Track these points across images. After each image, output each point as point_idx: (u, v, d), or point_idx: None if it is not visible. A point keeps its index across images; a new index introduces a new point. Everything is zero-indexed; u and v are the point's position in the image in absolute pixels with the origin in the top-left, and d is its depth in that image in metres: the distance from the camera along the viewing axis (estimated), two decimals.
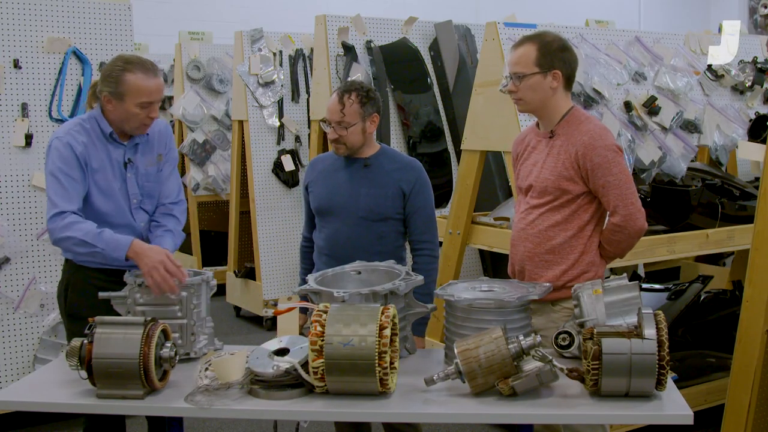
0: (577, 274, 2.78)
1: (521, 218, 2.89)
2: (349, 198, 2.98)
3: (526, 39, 2.81)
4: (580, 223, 2.79)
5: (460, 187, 4.18)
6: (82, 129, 2.78)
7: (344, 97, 2.93)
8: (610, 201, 2.73)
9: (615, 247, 2.82)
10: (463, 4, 10.46)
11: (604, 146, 2.72)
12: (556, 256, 2.79)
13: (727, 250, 4.39)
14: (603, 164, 2.70)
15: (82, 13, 4.01)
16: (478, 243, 4.21)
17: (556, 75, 2.77)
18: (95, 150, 2.78)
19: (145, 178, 2.89)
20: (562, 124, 2.81)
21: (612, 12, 10.47)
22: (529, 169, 2.88)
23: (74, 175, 2.72)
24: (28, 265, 3.89)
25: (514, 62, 2.80)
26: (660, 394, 2.20)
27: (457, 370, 2.20)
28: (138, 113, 2.73)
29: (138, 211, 2.89)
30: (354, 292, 2.44)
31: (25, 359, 3.89)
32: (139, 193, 2.88)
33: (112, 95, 2.72)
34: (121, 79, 2.70)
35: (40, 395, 2.34)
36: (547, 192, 2.79)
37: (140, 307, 2.59)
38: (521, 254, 2.87)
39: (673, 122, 4.14)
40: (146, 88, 2.71)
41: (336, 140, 2.96)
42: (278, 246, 6.06)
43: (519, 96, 2.80)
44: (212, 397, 2.20)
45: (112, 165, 2.82)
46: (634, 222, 2.73)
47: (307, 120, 6.07)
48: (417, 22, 5.40)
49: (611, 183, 2.71)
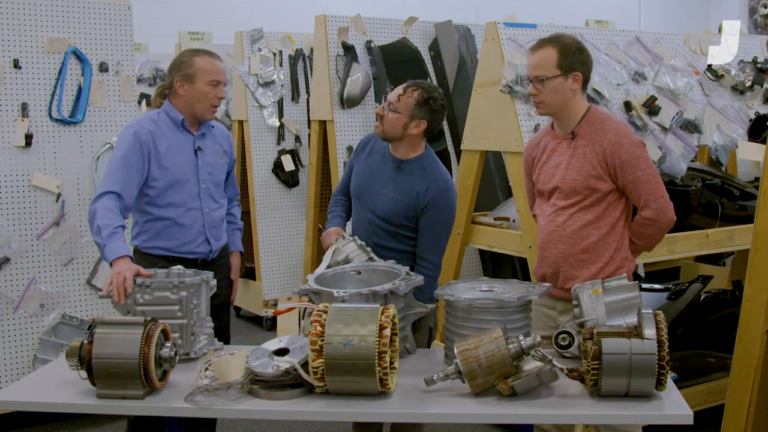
0: (613, 271, 2.81)
1: (550, 220, 2.89)
2: (374, 194, 3.02)
3: (544, 42, 2.83)
4: (611, 220, 2.83)
5: (460, 187, 4.18)
6: (151, 120, 3.05)
7: (410, 88, 2.97)
8: (641, 196, 2.78)
9: (645, 240, 2.87)
10: (463, 4, 10.46)
11: (630, 143, 2.78)
12: (592, 254, 2.82)
13: (727, 250, 4.39)
14: (631, 160, 2.75)
15: (82, 13, 4.01)
16: (478, 243, 4.21)
17: (577, 77, 2.80)
18: (163, 136, 3.03)
19: (212, 167, 3.14)
20: (583, 124, 2.84)
21: (612, 12, 10.47)
22: (552, 171, 2.88)
23: (132, 159, 2.96)
24: (28, 265, 3.89)
25: (534, 66, 2.81)
26: (660, 394, 2.20)
27: (457, 370, 2.20)
28: (208, 92, 3.03)
29: (206, 198, 3.11)
30: (354, 292, 2.44)
31: (25, 359, 3.89)
32: (208, 180, 3.11)
33: (184, 78, 3.02)
34: (191, 63, 3.03)
35: (40, 395, 2.34)
36: (576, 192, 2.82)
37: (140, 307, 2.59)
38: (554, 256, 2.88)
39: (673, 122, 4.13)
40: (213, 68, 3.04)
41: (380, 117, 3.00)
42: (278, 246, 6.06)
43: (540, 99, 2.82)
44: (212, 397, 2.20)
45: (183, 151, 3.07)
46: (665, 214, 2.78)
47: (307, 120, 6.06)
48: (417, 22, 5.41)
49: (640, 178, 2.75)
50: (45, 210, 3.92)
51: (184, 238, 3.06)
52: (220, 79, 3.06)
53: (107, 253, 2.74)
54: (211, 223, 3.12)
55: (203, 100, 3.03)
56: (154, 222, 3.05)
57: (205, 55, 3.07)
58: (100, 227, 2.78)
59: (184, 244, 3.06)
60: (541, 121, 3.79)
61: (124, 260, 2.70)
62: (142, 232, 3.08)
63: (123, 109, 4.13)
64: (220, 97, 3.07)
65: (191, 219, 3.06)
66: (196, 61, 3.03)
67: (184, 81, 3.03)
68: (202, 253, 3.10)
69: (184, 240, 3.06)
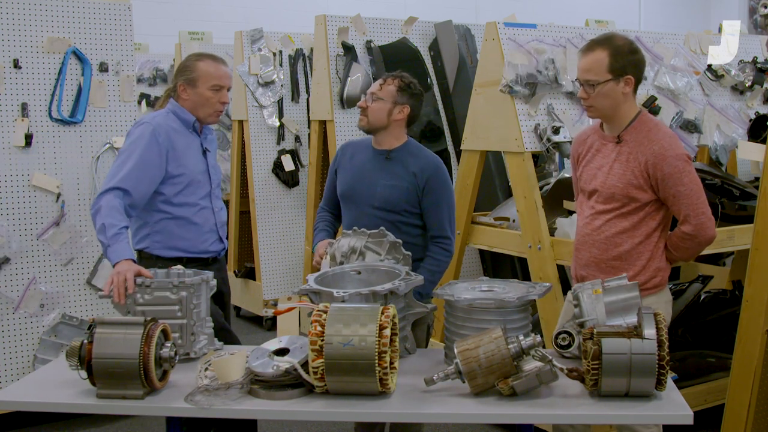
0: (645, 280, 2.76)
1: (586, 223, 2.87)
2: (368, 187, 3.05)
3: (596, 44, 2.75)
4: (647, 231, 2.77)
5: (460, 187, 4.18)
6: (165, 119, 3.05)
7: (389, 78, 3.09)
8: (681, 210, 2.71)
9: (683, 253, 2.82)
10: (463, 4, 10.46)
11: (675, 156, 2.69)
12: (623, 262, 2.77)
13: (727, 250, 4.38)
14: (674, 174, 2.68)
15: (82, 13, 4.01)
16: (478, 243, 4.21)
17: (629, 80, 2.73)
18: (178, 135, 3.05)
19: (215, 168, 3.19)
20: (630, 130, 2.77)
21: (612, 12, 10.46)
22: (594, 172, 2.84)
23: (149, 157, 2.94)
24: (28, 265, 3.89)
25: (585, 69, 2.74)
26: (660, 394, 2.20)
27: (457, 370, 2.20)
28: (210, 97, 3.03)
29: (214, 197, 3.16)
30: (354, 292, 2.44)
31: (25, 359, 3.89)
32: (215, 180, 3.17)
33: (187, 82, 3.04)
34: (194, 67, 3.04)
35: (40, 395, 2.34)
36: (615, 199, 2.77)
37: (140, 307, 2.59)
38: (586, 259, 2.86)
39: (673, 122, 4.14)
40: (216, 72, 3.04)
41: (363, 110, 3.07)
42: (278, 246, 6.06)
43: (591, 103, 2.75)
44: (212, 397, 2.20)
45: (194, 152, 3.10)
46: (705, 231, 2.72)
47: (307, 120, 6.06)
48: (417, 22, 5.41)
49: (682, 193, 2.69)
50: (45, 210, 3.92)
51: (198, 237, 3.08)
52: (223, 84, 3.06)
53: (111, 254, 2.73)
54: (221, 222, 3.18)
55: (205, 104, 3.05)
56: (169, 221, 3.04)
57: (209, 59, 3.07)
58: (105, 226, 2.77)
59: (199, 242, 3.08)
60: (540, 121, 3.79)
61: (126, 261, 2.70)
62: (153, 233, 3.06)
63: (123, 109, 4.13)
64: (224, 102, 3.08)
65: (204, 218, 3.10)
66: (199, 66, 3.04)
67: (187, 85, 3.04)
68: (215, 252, 3.15)
69: (199, 239, 3.08)
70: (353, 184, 3.09)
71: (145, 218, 3.07)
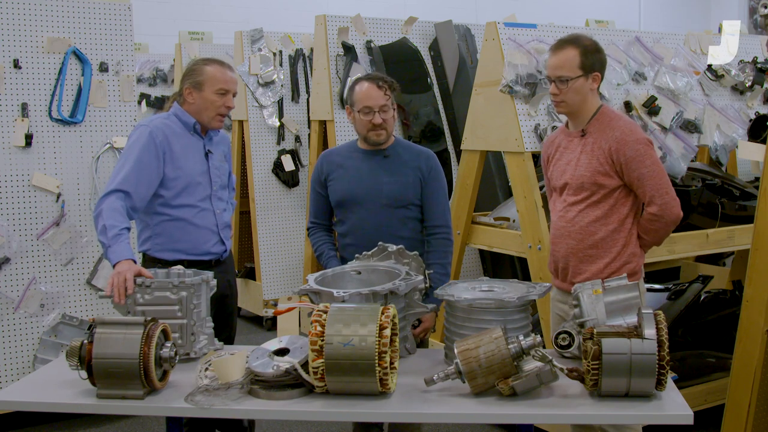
0: (620, 266, 2.88)
1: (560, 216, 2.98)
2: (373, 187, 3.06)
3: (565, 43, 2.90)
4: (620, 217, 2.89)
5: (460, 187, 4.18)
6: (164, 121, 3.08)
7: (379, 83, 3.03)
8: (646, 192, 2.85)
9: (653, 235, 2.93)
10: (463, 4, 10.46)
11: (635, 140, 2.84)
12: (599, 250, 2.89)
13: (727, 250, 4.39)
14: (636, 157, 2.82)
15: (82, 13, 4.01)
16: (478, 243, 4.21)
17: (596, 77, 2.90)
18: (176, 138, 3.06)
19: (219, 170, 3.19)
20: (593, 123, 2.92)
21: (612, 12, 10.47)
22: (563, 168, 2.97)
23: (147, 159, 2.97)
24: (28, 265, 3.89)
25: (558, 66, 2.88)
26: (660, 394, 2.20)
27: (457, 370, 2.20)
28: (215, 100, 3.06)
29: (216, 199, 3.16)
30: (354, 292, 2.44)
31: (25, 359, 3.89)
32: (218, 182, 3.17)
33: (193, 86, 3.06)
34: (200, 71, 3.07)
35: (40, 395, 2.34)
36: (584, 188, 2.89)
37: (140, 307, 2.59)
38: (564, 251, 2.96)
39: (673, 122, 4.13)
40: (222, 76, 3.07)
41: (380, 125, 3.03)
42: (278, 246, 6.06)
43: (562, 99, 2.89)
44: (212, 397, 2.20)
45: (195, 154, 3.10)
46: (670, 210, 2.85)
47: (307, 120, 6.06)
48: (417, 22, 5.41)
49: (645, 175, 2.82)
50: (45, 210, 3.92)
51: (199, 238, 3.08)
52: (229, 88, 3.08)
53: (111, 254, 2.74)
54: (223, 224, 3.17)
55: (210, 108, 3.06)
56: (169, 223, 3.05)
57: (215, 64, 3.10)
58: (106, 227, 2.79)
59: (199, 244, 3.08)
60: (540, 121, 3.79)
61: (126, 261, 2.70)
62: (154, 235, 3.07)
63: (123, 109, 4.13)
64: (229, 107, 3.09)
65: (205, 220, 3.10)
66: (205, 70, 3.06)
67: (193, 89, 3.07)
68: (216, 254, 3.15)
69: (200, 240, 3.08)
70: (353, 189, 3.08)
71: (146, 221, 3.09)
